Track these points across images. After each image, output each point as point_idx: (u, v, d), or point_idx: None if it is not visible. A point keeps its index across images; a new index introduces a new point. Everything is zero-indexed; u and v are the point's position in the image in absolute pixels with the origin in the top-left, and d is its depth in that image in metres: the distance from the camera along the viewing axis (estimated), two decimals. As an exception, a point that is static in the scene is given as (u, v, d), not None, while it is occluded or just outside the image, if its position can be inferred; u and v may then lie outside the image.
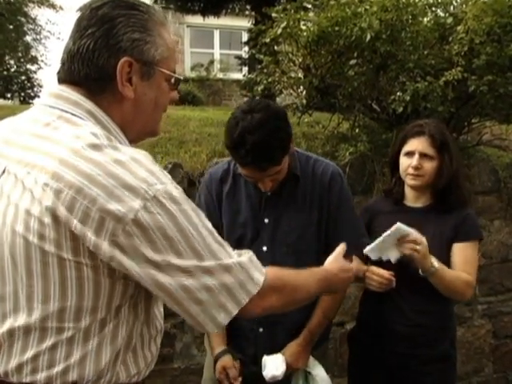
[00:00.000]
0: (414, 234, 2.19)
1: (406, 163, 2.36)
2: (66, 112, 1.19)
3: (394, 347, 2.35)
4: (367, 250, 2.24)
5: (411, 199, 2.45)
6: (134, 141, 1.35)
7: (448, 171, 2.31)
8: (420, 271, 2.22)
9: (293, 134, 2.07)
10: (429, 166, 2.31)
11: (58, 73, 1.26)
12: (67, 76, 1.23)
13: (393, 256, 2.23)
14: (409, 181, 2.37)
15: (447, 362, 2.42)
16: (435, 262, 2.21)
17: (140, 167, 1.10)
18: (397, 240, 2.20)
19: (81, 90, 1.22)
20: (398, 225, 2.18)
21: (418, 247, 2.15)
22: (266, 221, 2.15)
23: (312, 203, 2.15)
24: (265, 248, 2.15)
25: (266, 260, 2.12)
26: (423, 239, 2.19)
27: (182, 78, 1.37)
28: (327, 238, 2.17)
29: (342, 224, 2.17)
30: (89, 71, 1.20)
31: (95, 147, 1.10)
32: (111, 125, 1.23)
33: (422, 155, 2.31)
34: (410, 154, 2.35)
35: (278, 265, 2.12)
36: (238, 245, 2.19)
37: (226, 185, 2.21)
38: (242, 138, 1.89)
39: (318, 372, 2.14)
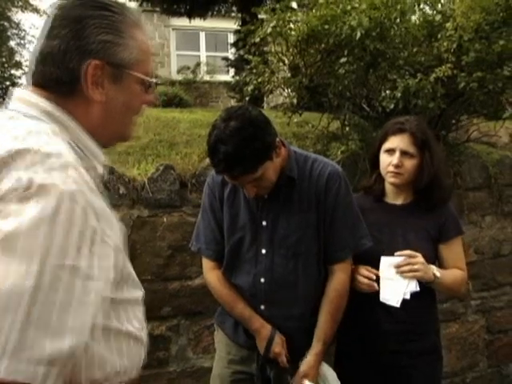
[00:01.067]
0: (403, 255, 2.21)
1: (386, 161, 2.35)
2: (19, 112, 1.14)
3: (383, 346, 2.35)
4: (383, 299, 2.24)
5: (392, 196, 2.45)
6: (105, 145, 1.32)
7: (429, 169, 2.30)
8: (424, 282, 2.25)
9: (278, 136, 2.04)
10: (409, 164, 2.31)
11: (30, 74, 1.22)
12: (38, 78, 1.20)
13: (410, 287, 2.22)
14: (389, 178, 2.36)
15: (435, 354, 2.45)
16: (436, 271, 2.26)
17: None
18: (395, 272, 2.21)
19: (48, 93, 1.18)
20: (382, 259, 2.21)
21: (415, 267, 2.18)
22: (264, 223, 2.15)
23: (310, 204, 2.13)
24: (264, 251, 2.15)
25: (265, 262, 2.15)
26: (417, 254, 2.21)
27: (155, 81, 1.34)
28: (325, 238, 2.16)
29: (340, 225, 2.16)
30: (59, 73, 1.17)
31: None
32: (72, 124, 1.18)
33: (403, 153, 2.31)
34: (390, 151, 2.34)
35: (278, 267, 2.14)
36: (237, 248, 2.19)
37: (227, 188, 2.21)
38: (215, 147, 1.90)
39: (328, 372, 2.14)
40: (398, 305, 2.22)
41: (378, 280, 2.25)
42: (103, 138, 1.27)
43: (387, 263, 2.23)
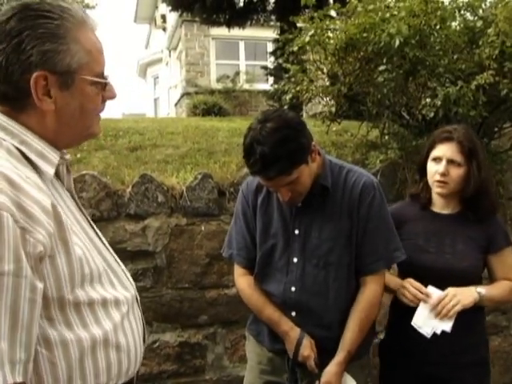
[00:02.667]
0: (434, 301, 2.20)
1: (433, 169, 2.32)
2: None
3: (429, 355, 2.30)
4: (414, 324, 2.22)
5: (439, 205, 2.41)
6: (71, 145, 1.35)
7: (476, 179, 2.26)
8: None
9: (315, 142, 2.02)
10: (456, 173, 2.27)
11: None
12: None
13: (443, 326, 2.20)
14: (435, 188, 2.33)
15: (483, 367, 2.39)
16: (479, 289, 2.23)
17: None
18: (433, 313, 2.20)
19: (2, 107, 1.20)
20: (430, 288, 2.22)
21: (450, 304, 2.17)
22: (297, 232, 2.13)
23: (342, 215, 2.11)
24: (295, 259, 2.13)
25: (296, 271, 2.14)
26: (446, 293, 2.20)
27: (105, 80, 1.31)
28: (357, 250, 2.14)
29: (373, 237, 2.12)
30: (6, 90, 1.17)
31: None
32: (20, 130, 1.19)
33: (450, 162, 2.27)
34: (437, 159, 2.31)
35: (309, 276, 2.13)
36: (269, 255, 2.18)
37: (260, 195, 2.20)
38: (251, 148, 1.90)
39: (351, 383, 2.11)
40: (428, 336, 2.20)
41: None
42: (63, 142, 1.29)
43: (432, 293, 2.21)
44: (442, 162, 2.29)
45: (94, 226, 1.40)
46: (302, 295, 2.12)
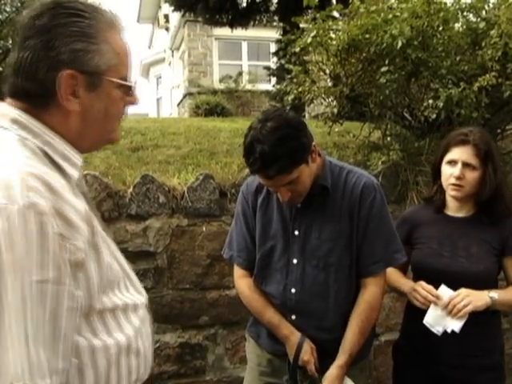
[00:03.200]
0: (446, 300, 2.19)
1: (448, 172, 2.30)
2: None
3: (443, 358, 2.29)
4: (426, 323, 2.22)
5: (453, 209, 2.39)
6: (91, 149, 1.31)
7: (491, 182, 2.24)
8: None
9: (315, 143, 2.02)
10: (471, 176, 2.25)
11: (6, 86, 1.19)
12: (11, 90, 1.17)
13: (453, 325, 2.19)
14: (450, 192, 2.31)
15: (498, 372, 2.35)
16: (492, 293, 2.21)
17: None
18: (445, 312, 2.20)
19: (22, 103, 1.15)
20: (442, 287, 2.21)
21: (462, 303, 2.15)
22: (296, 233, 2.12)
23: (342, 216, 2.10)
24: (295, 260, 2.12)
25: (296, 272, 2.13)
26: (458, 293, 2.18)
27: (133, 84, 1.28)
28: (357, 251, 2.13)
29: (373, 238, 2.11)
30: (30, 86, 1.14)
31: None
32: (43, 130, 1.15)
33: (465, 165, 2.25)
34: (452, 162, 2.29)
35: (308, 277, 2.12)
36: (268, 256, 2.18)
37: (260, 196, 2.20)
38: (251, 147, 1.89)
39: None
40: (439, 334, 2.19)
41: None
42: (85, 145, 1.25)
43: (444, 293, 2.20)
44: (457, 165, 2.25)
45: (107, 230, 1.37)
46: (301, 296, 2.11)
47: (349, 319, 2.11)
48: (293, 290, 2.13)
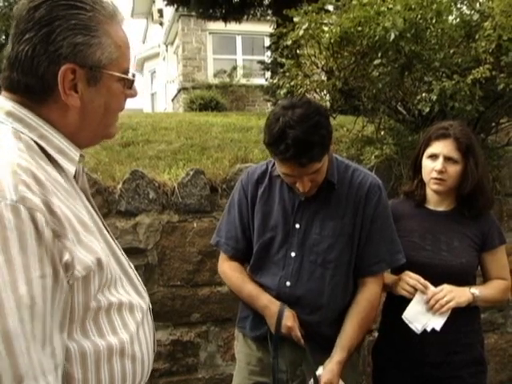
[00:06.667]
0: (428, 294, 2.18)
1: (429, 166, 2.29)
2: None
3: (425, 356, 2.28)
4: (405, 318, 2.21)
5: (434, 202, 2.39)
6: (88, 144, 1.28)
7: (473, 176, 2.25)
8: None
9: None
10: (453, 170, 2.25)
11: (2, 78, 1.16)
12: (7, 83, 1.14)
13: (434, 323, 2.18)
14: (432, 185, 2.31)
15: (480, 365, 2.37)
16: (474, 289, 2.22)
17: None
18: (426, 308, 2.18)
19: (18, 97, 1.12)
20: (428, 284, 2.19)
21: (444, 299, 2.15)
22: (297, 226, 2.11)
23: (346, 213, 2.09)
24: (293, 254, 2.11)
25: (293, 266, 2.11)
26: (441, 288, 2.18)
27: (133, 78, 1.26)
28: (359, 250, 2.11)
29: (376, 238, 2.11)
30: (28, 81, 1.10)
31: None
32: (39, 123, 1.12)
33: (447, 159, 2.25)
34: (433, 156, 2.29)
35: (305, 272, 2.09)
36: (266, 248, 2.15)
37: (261, 187, 2.18)
38: (283, 133, 1.85)
39: None
40: (418, 332, 2.18)
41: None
42: (83, 140, 1.23)
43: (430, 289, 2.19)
44: (438, 160, 2.26)
45: (108, 228, 1.34)
46: (296, 290, 2.10)
47: (346, 316, 2.10)
48: (288, 283, 2.10)
